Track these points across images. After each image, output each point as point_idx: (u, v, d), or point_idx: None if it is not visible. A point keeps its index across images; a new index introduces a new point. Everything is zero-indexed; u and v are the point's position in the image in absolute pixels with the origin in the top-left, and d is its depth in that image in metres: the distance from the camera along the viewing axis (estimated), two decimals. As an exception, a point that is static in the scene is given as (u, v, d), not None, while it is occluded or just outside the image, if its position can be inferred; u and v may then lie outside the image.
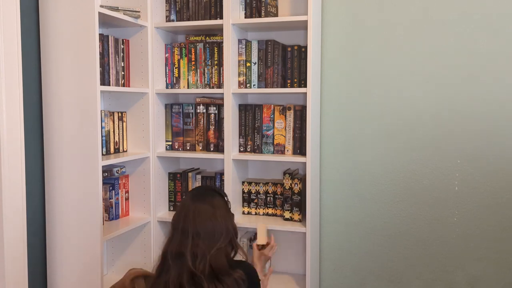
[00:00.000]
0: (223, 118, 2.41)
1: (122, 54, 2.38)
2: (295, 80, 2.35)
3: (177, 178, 2.59)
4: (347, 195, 2.52)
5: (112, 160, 2.22)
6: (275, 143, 2.41)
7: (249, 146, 2.45)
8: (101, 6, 2.11)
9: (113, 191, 2.41)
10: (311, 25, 2.21)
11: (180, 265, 1.55)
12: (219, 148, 2.48)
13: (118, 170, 2.42)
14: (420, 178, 2.40)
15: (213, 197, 1.69)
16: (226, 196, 1.76)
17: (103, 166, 2.15)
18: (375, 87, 2.44)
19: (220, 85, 2.45)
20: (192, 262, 1.53)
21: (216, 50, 2.45)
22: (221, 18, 2.36)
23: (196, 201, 1.64)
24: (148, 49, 2.43)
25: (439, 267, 2.41)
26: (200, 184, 2.56)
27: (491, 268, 2.33)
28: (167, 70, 2.54)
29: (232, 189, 2.38)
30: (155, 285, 1.59)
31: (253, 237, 2.54)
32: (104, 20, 2.24)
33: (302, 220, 2.39)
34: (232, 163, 2.39)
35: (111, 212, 2.41)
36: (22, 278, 2.01)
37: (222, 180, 2.49)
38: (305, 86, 2.29)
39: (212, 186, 1.85)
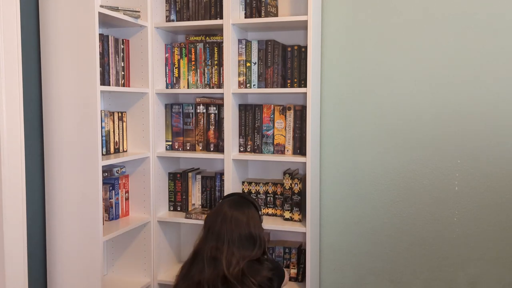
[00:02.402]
0: (223, 118, 2.41)
1: (122, 54, 2.38)
2: (295, 80, 2.35)
3: (177, 178, 2.59)
4: (347, 195, 2.52)
5: (112, 160, 2.22)
6: (275, 143, 2.41)
7: (249, 146, 2.45)
8: (101, 6, 2.11)
9: (113, 191, 2.41)
10: (311, 25, 2.21)
11: (214, 268, 1.66)
12: (219, 148, 2.48)
13: (118, 170, 2.42)
14: (420, 178, 2.40)
15: (249, 207, 1.82)
16: (260, 209, 1.89)
17: (103, 166, 2.15)
18: (375, 87, 2.44)
19: (220, 85, 2.45)
20: (227, 269, 1.65)
21: (216, 50, 2.45)
22: (221, 18, 2.36)
23: (234, 209, 1.77)
24: (148, 49, 2.43)
25: (439, 267, 2.41)
26: (200, 184, 2.56)
27: (491, 268, 2.33)
28: (167, 70, 2.54)
29: (232, 189, 2.38)
30: (187, 278, 1.71)
31: None
32: (104, 20, 2.24)
33: (302, 220, 2.39)
34: (232, 163, 2.39)
35: (111, 212, 2.41)
36: (22, 278, 2.00)
37: (222, 180, 2.49)
38: (305, 86, 2.29)
39: (247, 196, 1.99)
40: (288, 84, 2.37)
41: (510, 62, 2.25)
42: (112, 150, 2.37)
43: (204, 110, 2.51)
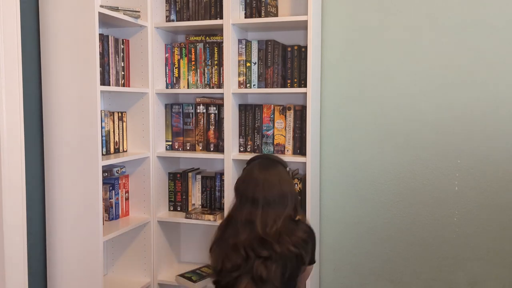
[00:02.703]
0: (223, 118, 2.41)
1: (122, 54, 2.38)
2: (295, 80, 2.35)
3: (177, 178, 2.59)
4: (347, 195, 2.52)
5: (112, 160, 2.22)
6: (275, 143, 2.41)
7: (249, 146, 2.45)
8: (101, 6, 2.11)
9: (113, 191, 2.41)
10: (311, 25, 2.21)
11: (250, 231, 1.69)
12: (219, 148, 2.48)
13: (118, 170, 2.42)
14: (420, 178, 2.40)
15: (277, 167, 1.84)
16: (287, 165, 1.92)
17: (103, 166, 2.15)
18: (375, 87, 2.44)
19: (220, 85, 2.45)
20: (262, 230, 1.68)
21: (216, 50, 2.45)
22: (221, 18, 2.36)
23: (264, 172, 1.79)
24: (148, 49, 2.43)
25: (439, 267, 2.41)
26: (200, 184, 2.56)
27: (491, 268, 2.33)
28: (167, 70, 2.54)
29: (232, 189, 2.37)
30: (221, 242, 1.76)
31: None
32: (104, 20, 2.24)
33: (302, 220, 2.39)
34: (232, 163, 2.39)
35: (111, 212, 2.41)
36: (22, 278, 2.00)
37: (222, 180, 2.49)
38: (305, 86, 2.29)
39: (271, 156, 2.00)
40: (288, 84, 2.37)
41: (510, 63, 2.25)
42: (112, 150, 2.37)
43: (204, 110, 2.51)
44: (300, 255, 1.71)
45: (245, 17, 2.38)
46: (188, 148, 2.55)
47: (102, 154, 2.21)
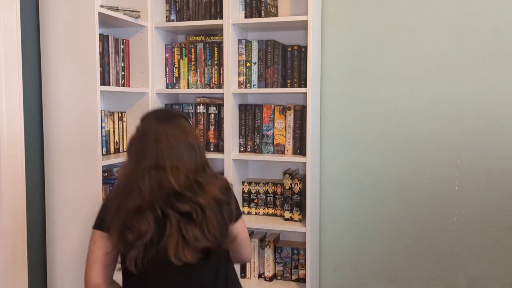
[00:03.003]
0: (223, 118, 2.41)
1: (122, 54, 2.38)
2: (295, 80, 2.35)
3: (177, 178, 2.59)
4: (347, 195, 2.52)
5: (112, 160, 2.22)
6: (275, 143, 2.41)
7: (249, 146, 2.45)
8: (101, 6, 2.11)
9: (113, 191, 2.41)
10: (311, 25, 2.21)
11: (159, 190, 1.40)
12: (219, 148, 2.48)
13: (118, 170, 2.42)
14: (420, 178, 2.40)
15: (178, 119, 1.54)
16: (188, 118, 1.64)
17: (103, 166, 2.15)
18: (375, 87, 2.44)
19: (220, 85, 2.45)
20: (177, 184, 1.40)
21: (216, 50, 2.45)
22: (221, 18, 2.36)
23: (165, 125, 1.48)
24: (148, 49, 2.43)
25: (439, 267, 2.41)
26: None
27: (491, 268, 2.33)
28: (167, 70, 2.54)
29: (233, 189, 2.37)
30: (118, 211, 1.41)
31: (263, 236, 2.55)
32: (104, 20, 2.24)
33: (302, 220, 2.39)
34: (232, 163, 2.39)
35: (111, 212, 2.40)
36: (22, 278, 2.01)
37: (222, 180, 2.49)
38: (305, 86, 2.29)
39: (171, 109, 1.69)
40: (288, 84, 2.37)
41: (510, 62, 2.25)
42: (112, 150, 2.37)
43: (204, 110, 2.51)
44: (227, 202, 1.49)
45: (245, 17, 2.38)
46: (188, 148, 2.54)
47: (102, 154, 2.21)
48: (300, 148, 2.37)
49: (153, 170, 1.41)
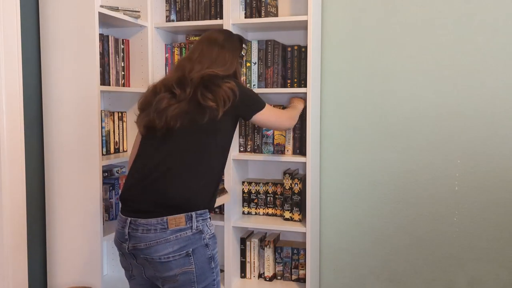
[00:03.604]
0: (223, 118, 2.41)
1: (122, 54, 2.38)
2: (295, 80, 2.35)
3: (177, 178, 2.59)
4: (347, 195, 2.52)
5: (112, 160, 2.22)
6: (275, 143, 2.41)
7: (249, 146, 2.45)
8: (101, 6, 2.11)
9: (113, 191, 2.41)
10: (311, 25, 2.21)
11: (175, 72, 1.69)
12: (219, 148, 2.48)
13: (118, 170, 2.42)
14: (420, 178, 2.40)
15: (231, 35, 1.84)
16: (246, 43, 1.90)
17: (103, 166, 2.15)
18: (375, 87, 2.44)
19: (220, 85, 2.44)
20: (188, 72, 1.64)
21: (216, 50, 2.45)
22: (221, 18, 2.36)
23: (216, 31, 1.82)
24: (148, 49, 2.43)
25: (439, 267, 2.41)
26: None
27: (491, 268, 2.33)
28: (167, 70, 2.53)
29: (232, 189, 2.38)
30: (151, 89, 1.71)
31: (264, 236, 2.56)
32: (104, 20, 2.24)
33: (302, 220, 2.39)
34: (232, 163, 2.39)
35: (111, 212, 2.41)
36: (22, 278, 2.01)
37: (222, 180, 2.49)
38: (305, 86, 2.29)
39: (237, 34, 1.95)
40: (288, 84, 2.37)
41: (510, 62, 2.25)
42: (112, 150, 2.37)
43: (204, 110, 2.51)
44: (214, 109, 1.60)
45: (245, 17, 2.38)
46: (188, 148, 2.54)
47: (102, 154, 2.21)
48: (300, 148, 2.37)
49: (182, 60, 1.75)
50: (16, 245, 1.98)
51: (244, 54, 1.92)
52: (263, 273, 2.50)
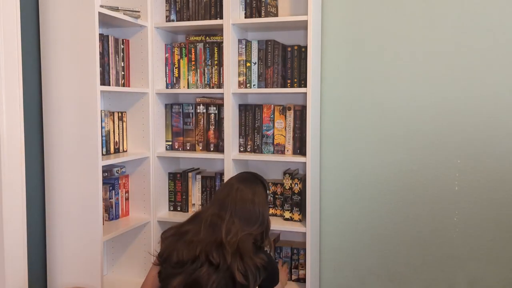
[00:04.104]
0: (223, 118, 2.41)
1: (122, 54, 2.38)
2: (295, 80, 2.35)
3: (177, 178, 2.59)
4: (347, 195, 2.52)
5: (112, 160, 2.22)
6: (275, 143, 2.41)
7: (249, 146, 2.45)
8: (101, 6, 2.11)
9: (113, 191, 2.41)
10: (311, 25, 2.21)
11: (212, 233, 1.65)
12: (219, 148, 2.48)
13: (118, 170, 2.42)
14: (420, 178, 2.40)
15: (257, 184, 1.83)
16: (269, 188, 1.89)
17: (103, 166, 2.15)
18: (375, 87, 2.44)
19: (220, 85, 2.45)
20: (225, 235, 1.63)
21: (216, 50, 2.45)
22: (221, 18, 2.36)
23: (241, 183, 1.79)
24: (148, 49, 2.43)
25: (439, 267, 2.41)
26: (200, 184, 2.56)
27: (491, 268, 2.33)
28: (167, 70, 2.54)
29: (232, 189, 2.38)
30: (179, 233, 1.71)
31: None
32: (104, 20, 2.24)
33: (302, 220, 2.39)
34: (232, 163, 2.39)
35: (111, 212, 2.41)
36: (22, 278, 2.00)
37: (222, 180, 2.49)
38: (305, 86, 2.29)
39: (257, 174, 1.96)
40: (288, 84, 2.37)
41: (510, 62, 2.25)
42: (112, 150, 2.37)
43: (204, 110, 2.51)
44: (245, 285, 1.62)
45: (245, 17, 2.38)
46: (188, 148, 2.55)
47: (102, 154, 2.21)
48: (300, 148, 2.37)
49: (215, 216, 1.70)
50: (16, 245, 1.97)
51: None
52: (263, 273, 2.50)
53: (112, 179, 2.41)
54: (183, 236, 1.68)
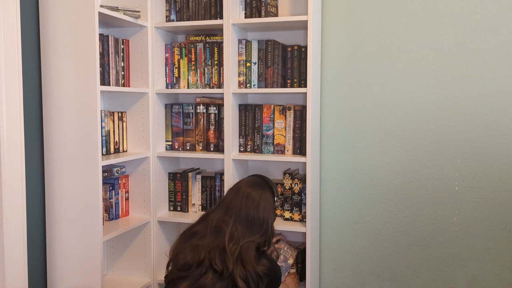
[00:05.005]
0: (223, 118, 2.41)
1: (122, 54, 2.38)
2: (295, 80, 2.35)
3: (177, 178, 2.59)
4: (347, 195, 2.52)
5: (112, 160, 2.22)
6: (275, 143, 2.41)
7: (249, 146, 2.45)
8: (101, 6, 2.11)
9: (113, 191, 2.41)
10: (311, 25, 2.21)
11: (215, 238, 1.67)
12: (219, 148, 2.48)
13: (118, 170, 2.42)
14: (420, 178, 2.40)
15: (265, 189, 1.82)
16: (277, 195, 1.89)
17: (103, 166, 2.15)
18: (375, 87, 2.44)
19: (220, 85, 2.45)
20: (228, 242, 1.64)
21: (216, 50, 2.45)
22: (221, 18, 2.36)
23: (249, 187, 1.79)
24: (148, 49, 2.43)
25: (439, 267, 2.41)
26: (200, 184, 2.56)
27: (491, 268, 2.33)
28: (167, 70, 2.54)
29: (232, 189, 2.38)
30: (186, 235, 1.75)
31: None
32: (104, 20, 2.24)
33: (302, 220, 2.39)
34: (232, 163, 2.39)
35: (111, 212, 2.41)
36: (22, 278, 2.01)
37: (222, 180, 2.49)
38: (305, 86, 2.29)
39: (268, 179, 1.96)
40: (288, 84, 2.37)
41: (510, 62, 2.25)
42: (112, 150, 2.37)
43: (204, 110, 2.51)
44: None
45: (245, 17, 2.38)
46: (188, 148, 2.55)
47: (102, 154, 2.21)
48: (300, 148, 2.37)
49: (220, 220, 1.72)
50: (16, 244, 1.97)
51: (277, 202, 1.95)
52: (263, 273, 2.50)
53: (112, 179, 2.41)
54: (191, 238, 1.73)
